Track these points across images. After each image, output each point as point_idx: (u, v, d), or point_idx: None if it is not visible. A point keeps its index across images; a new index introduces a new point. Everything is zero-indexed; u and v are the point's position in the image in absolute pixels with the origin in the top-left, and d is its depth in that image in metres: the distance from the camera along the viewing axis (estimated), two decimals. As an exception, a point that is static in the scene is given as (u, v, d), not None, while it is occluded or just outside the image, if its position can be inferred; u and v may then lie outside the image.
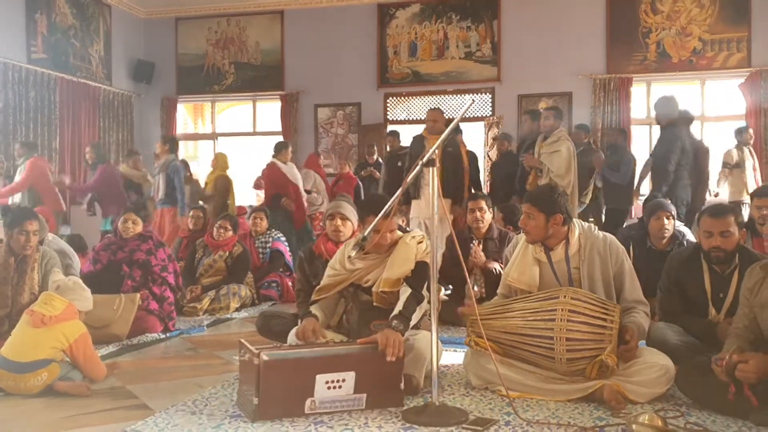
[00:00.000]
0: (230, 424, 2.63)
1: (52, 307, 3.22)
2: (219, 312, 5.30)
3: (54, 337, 3.14)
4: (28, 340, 3.13)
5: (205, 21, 10.92)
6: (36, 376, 3.04)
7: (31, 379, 3.04)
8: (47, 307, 3.22)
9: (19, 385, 3.04)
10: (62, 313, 3.22)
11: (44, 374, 3.05)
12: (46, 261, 3.89)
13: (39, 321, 3.14)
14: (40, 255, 3.89)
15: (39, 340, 3.11)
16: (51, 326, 3.15)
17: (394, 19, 10.20)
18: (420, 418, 2.63)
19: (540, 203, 3.11)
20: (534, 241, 3.16)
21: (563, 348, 2.83)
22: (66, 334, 3.18)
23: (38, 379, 3.04)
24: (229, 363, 3.70)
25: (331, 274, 3.27)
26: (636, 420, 2.46)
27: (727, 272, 3.22)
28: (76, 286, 3.44)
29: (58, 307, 3.23)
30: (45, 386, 3.05)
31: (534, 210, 3.11)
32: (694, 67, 9.23)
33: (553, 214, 3.09)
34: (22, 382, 3.04)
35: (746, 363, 2.50)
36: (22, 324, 3.21)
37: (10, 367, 3.05)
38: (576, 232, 3.14)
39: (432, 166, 2.66)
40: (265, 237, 6.24)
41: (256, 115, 11.18)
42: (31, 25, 8.77)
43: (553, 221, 3.09)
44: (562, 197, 3.15)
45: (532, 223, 3.13)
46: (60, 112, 9.10)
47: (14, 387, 3.05)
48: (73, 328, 3.23)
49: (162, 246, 4.80)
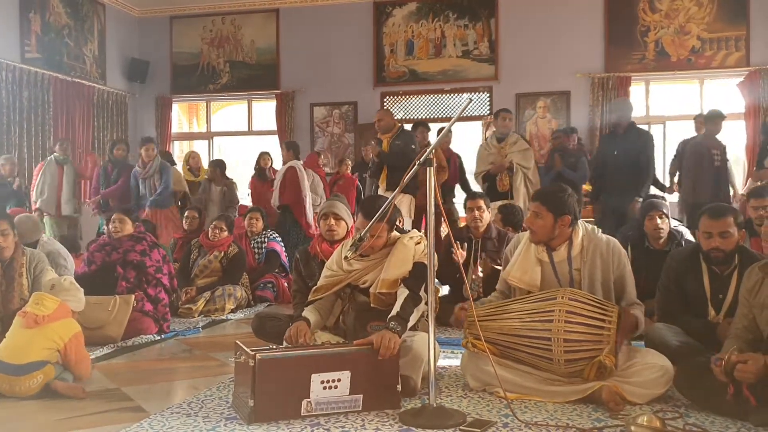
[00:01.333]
0: (226, 427, 2.61)
1: (44, 307, 3.20)
2: (214, 313, 5.27)
3: (48, 337, 3.13)
4: (22, 342, 3.10)
5: (200, 19, 10.88)
6: (31, 378, 3.02)
7: (27, 382, 3.01)
8: (39, 307, 3.20)
9: (14, 388, 3.02)
10: (54, 312, 3.20)
11: (40, 376, 3.04)
12: (35, 265, 3.84)
13: (32, 321, 3.13)
14: (27, 259, 3.83)
15: (33, 341, 3.09)
16: (44, 326, 3.13)
17: (391, 17, 10.17)
18: (417, 420, 2.61)
19: (550, 203, 3.07)
20: (539, 241, 3.12)
21: (561, 349, 2.81)
22: (60, 334, 3.16)
23: (33, 382, 3.02)
24: (225, 365, 3.67)
25: (328, 275, 3.25)
26: (635, 421, 2.44)
27: (727, 273, 3.20)
28: (72, 286, 3.43)
29: (49, 306, 3.21)
30: (40, 388, 3.03)
31: (543, 209, 3.07)
32: (692, 66, 9.22)
33: (562, 215, 3.05)
34: (18, 385, 3.01)
35: (745, 363, 2.48)
36: (16, 326, 3.19)
37: (5, 369, 3.03)
38: (580, 234, 3.11)
39: (429, 166, 2.64)
40: (261, 237, 6.21)
41: (251, 114, 11.15)
42: (24, 25, 8.72)
43: (561, 222, 3.06)
44: (572, 198, 3.12)
45: (539, 223, 3.08)
46: (54, 111, 9.06)
47: (9, 390, 3.03)
48: (67, 328, 3.22)
49: (157, 247, 4.78)
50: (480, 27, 9.86)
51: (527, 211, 5.71)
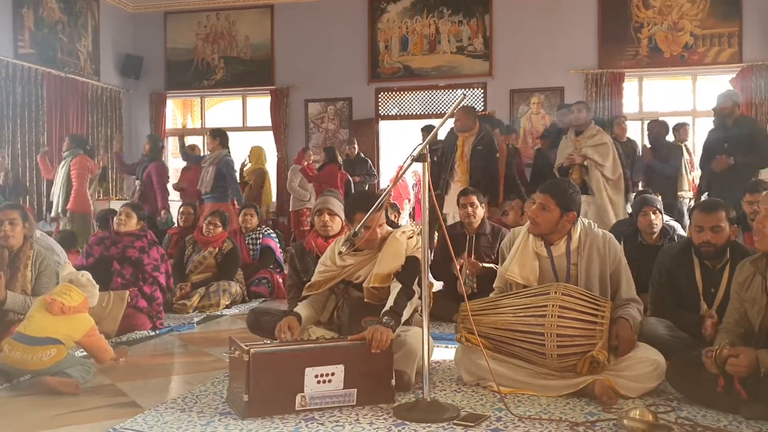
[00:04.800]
0: (220, 422, 2.61)
1: (71, 298, 3.34)
2: (209, 309, 5.26)
3: (69, 326, 3.26)
4: (45, 323, 3.23)
5: (194, 15, 10.85)
6: (46, 350, 3.12)
7: (39, 353, 3.11)
8: (67, 297, 3.33)
9: (26, 357, 3.11)
10: (79, 305, 3.35)
11: (53, 350, 3.13)
12: (41, 261, 3.87)
13: (59, 309, 3.25)
14: (35, 253, 3.86)
15: (55, 324, 3.23)
16: (68, 316, 3.27)
17: (385, 13, 10.16)
18: (411, 414, 2.62)
19: (559, 197, 3.07)
20: (540, 233, 3.12)
21: (554, 344, 2.82)
22: (79, 327, 3.31)
23: (47, 354, 3.12)
24: (219, 360, 3.67)
25: (322, 271, 3.26)
26: (627, 415, 2.45)
27: (719, 267, 3.22)
28: (88, 282, 3.54)
29: (76, 299, 3.36)
30: (51, 363, 3.11)
31: (551, 203, 3.07)
32: (685, 62, 9.24)
33: (568, 211, 3.07)
34: (31, 354, 3.11)
35: (737, 357, 2.50)
36: (40, 308, 3.30)
37: (23, 339, 3.16)
38: (578, 229, 3.13)
39: (423, 162, 2.64)
40: (256, 233, 6.21)
41: (246, 110, 11.13)
42: (17, 20, 8.68)
43: (567, 218, 3.07)
44: (578, 195, 3.14)
45: (545, 216, 3.08)
46: (48, 107, 9.02)
47: (22, 360, 3.12)
48: (84, 322, 3.36)
49: (156, 245, 4.77)
50: (474, 23, 9.86)
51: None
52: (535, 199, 3.25)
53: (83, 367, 3.23)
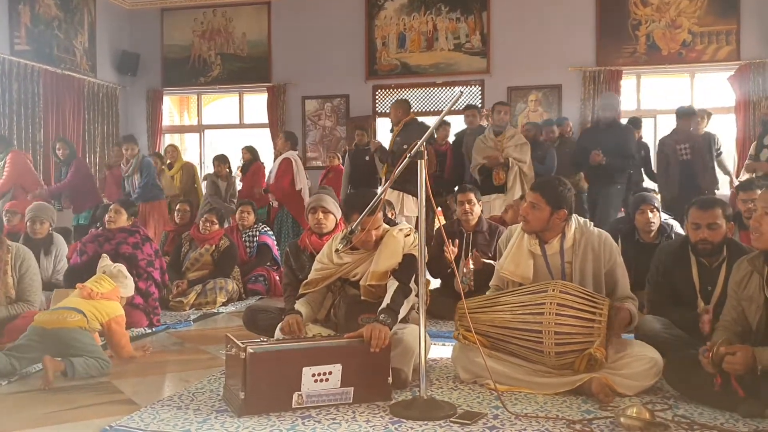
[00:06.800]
0: (216, 419, 2.60)
1: (101, 286, 3.60)
2: (205, 306, 5.25)
3: (96, 308, 3.48)
4: (73, 302, 3.48)
5: (191, 12, 10.80)
6: (72, 314, 3.35)
7: (65, 314, 3.35)
8: (97, 285, 3.60)
9: (52, 317, 3.34)
10: (108, 293, 3.60)
11: (78, 316, 3.35)
12: (20, 263, 3.83)
13: (87, 293, 3.51)
14: (12, 256, 3.81)
15: (82, 304, 3.46)
16: (96, 300, 3.51)
17: (383, 10, 10.14)
18: (408, 411, 2.62)
19: (548, 195, 3.07)
20: (531, 231, 3.13)
21: (552, 342, 2.82)
22: (106, 311, 3.51)
23: (71, 315, 3.34)
24: (216, 357, 3.67)
25: (319, 269, 3.25)
26: (624, 413, 2.45)
27: (715, 265, 3.22)
28: (120, 273, 3.77)
29: (106, 287, 3.62)
30: (76, 326, 3.31)
31: (541, 201, 3.07)
32: (683, 59, 9.23)
33: (559, 209, 3.06)
34: (57, 314, 3.36)
35: (734, 355, 2.50)
36: (72, 295, 3.56)
37: (51, 310, 3.48)
38: (572, 227, 3.12)
39: (420, 159, 2.63)
40: (252, 231, 6.20)
41: (242, 107, 11.10)
42: (14, 17, 8.63)
43: (557, 216, 3.07)
44: (570, 192, 3.12)
45: (535, 214, 3.09)
46: (44, 104, 8.97)
47: (48, 318, 3.34)
48: (113, 308, 3.58)
49: (149, 241, 4.76)
50: (472, 20, 9.84)
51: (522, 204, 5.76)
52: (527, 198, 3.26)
53: (96, 363, 3.23)
